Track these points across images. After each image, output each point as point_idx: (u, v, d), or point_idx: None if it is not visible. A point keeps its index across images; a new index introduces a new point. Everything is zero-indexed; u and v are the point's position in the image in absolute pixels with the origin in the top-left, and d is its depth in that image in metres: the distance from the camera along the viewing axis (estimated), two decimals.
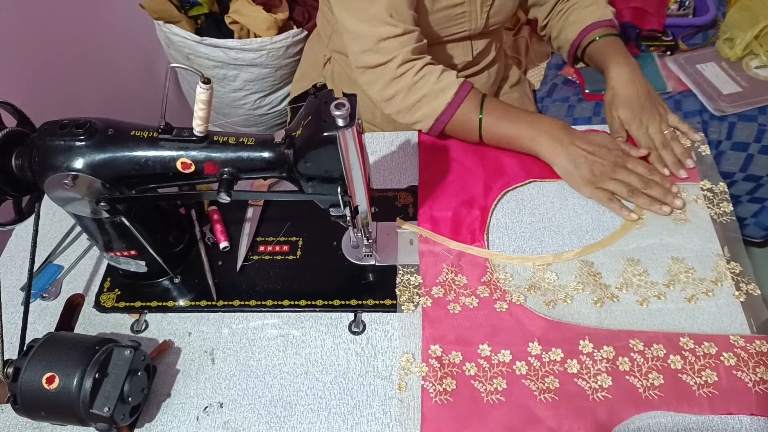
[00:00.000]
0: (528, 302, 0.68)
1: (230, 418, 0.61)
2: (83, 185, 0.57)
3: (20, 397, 0.55)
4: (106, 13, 1.35)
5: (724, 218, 0.74)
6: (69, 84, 1.26)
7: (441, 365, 0.63)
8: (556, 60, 1.32)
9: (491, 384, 0.61)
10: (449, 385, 0.61)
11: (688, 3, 1.31)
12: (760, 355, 0.61)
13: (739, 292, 0.67)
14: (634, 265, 0.70)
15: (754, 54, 1.19)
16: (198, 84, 0.53)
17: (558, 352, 0.63)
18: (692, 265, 0.70)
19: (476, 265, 0.71)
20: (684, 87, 1.19)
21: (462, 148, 0.84)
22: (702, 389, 0.59)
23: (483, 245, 0.73)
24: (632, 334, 0.64)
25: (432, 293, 0.69)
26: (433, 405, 0.60)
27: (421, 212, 0.77)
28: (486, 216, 0.76)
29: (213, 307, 0.70)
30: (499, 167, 0.82)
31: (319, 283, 0.71)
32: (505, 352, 0.63)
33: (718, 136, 1.13)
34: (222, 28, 1.40)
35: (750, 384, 0.59)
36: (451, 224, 0.75)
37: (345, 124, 0.50)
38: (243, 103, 1.50)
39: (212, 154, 0.57)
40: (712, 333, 0.64)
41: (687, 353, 0.62)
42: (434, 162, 0.83)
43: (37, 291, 0.73)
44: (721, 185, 0.77)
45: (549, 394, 0.60)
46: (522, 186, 0.80)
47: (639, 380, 0.60)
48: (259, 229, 0.78)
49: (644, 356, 0.62)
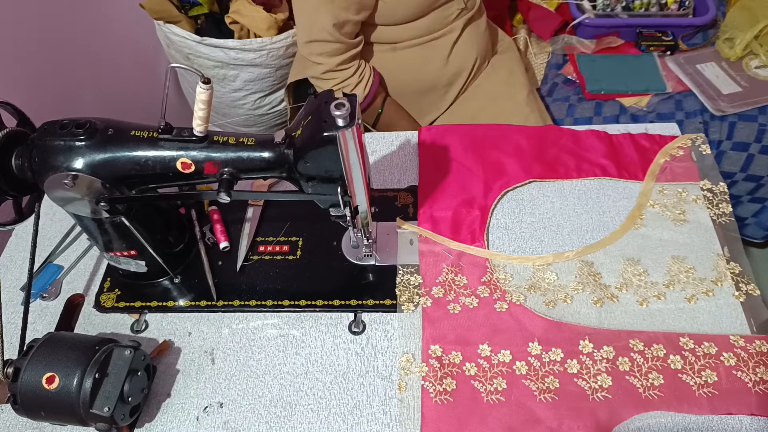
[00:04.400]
0: (528, 302, 0.68)
1: (230, 418, 0.61)
2: (83, 185, 0.57)
3: (20, 397, 0.55)
4: (106, 13, 1.35)
5: (724, 219, 0.74)
6: (69, 84, 1.26)
7: (441, 365, 0.63)
8: (556, 60, 1.32)
9: (491, 384, 0.61)
10: (449, 385, 0.61)
11: (688, 3, 1.31)
12: (760, 355, 0.61)
13: (739, 293, 0.67)
14: (634, 265, 0.70)
15: (754, 54, 1.19)
16: (198, 84, 0.53)
17: (558, 352, 0.63)
18: (692, 265, 0.70)
19: (476, 265, 0.71)
20: (684, 87, 1.19)
21: (462, 148, 0.84)
22: (702, 389, 0.59)
23: (483, 245, 0.73)
24: (632, 334, 0.64)
25: (432, 293, 0.69)
26: (433, 405, 0.60)
27: (421, 212, 0.77)
28: (486, 216, 0.76)
29: (213, 307, 0.70)
30: (499, 167, 0.82)
31: (319, 283, 0.71)
32: (505, 352, 0.63)
33: (719, 136, 1.14)
34: (222, 28, 1.40)
35: (750, 384, 0.59)
36: (451, 224, 0.75)
37: (345, 124, 0.50)
38: (243, 103, 1.50)
39: (212, 154, 0.57)
40: (712, 333, 0.64)
41: (687, 353, 0.62)
42: (434, 162, 0.83)
43: (37, 291, 0.73)
44: (721, 185, 0.77)
45: (549, 394, 0.60)
46: (522, 186, 0.80)
47: (639, 380, 0.60)
48: (259, 229, 0.78)
49: (644, 356, 0.62)
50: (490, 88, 1.14)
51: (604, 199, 0.78)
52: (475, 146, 0.84)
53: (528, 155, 0.82)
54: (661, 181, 0.79)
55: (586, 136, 0.84)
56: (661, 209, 0.76)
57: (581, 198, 0.78)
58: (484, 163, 0.82)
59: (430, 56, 1.07)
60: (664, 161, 0.81)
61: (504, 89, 1.14)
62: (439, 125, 0.91)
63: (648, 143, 0.83)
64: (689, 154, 0.81)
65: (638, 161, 0.81)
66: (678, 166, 0.80)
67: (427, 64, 1.08)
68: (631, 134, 0.85)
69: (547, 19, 1.32)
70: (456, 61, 1.08)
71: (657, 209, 0.76)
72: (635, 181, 0.79)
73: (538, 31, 1.33)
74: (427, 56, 1.07)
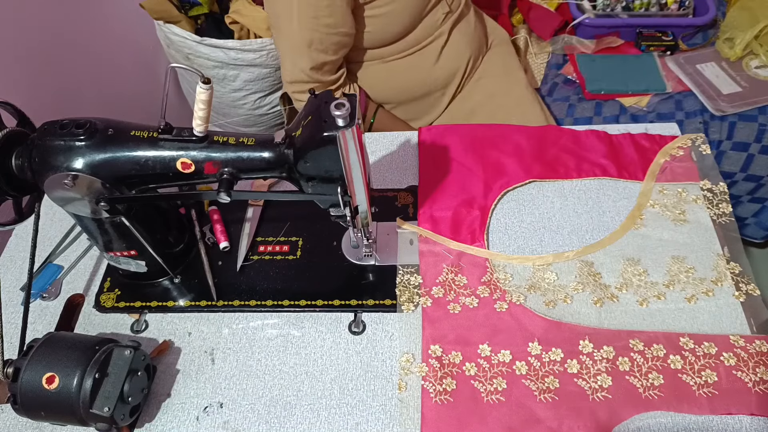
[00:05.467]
0: (528, 302, 0.68)
1: (230, 418, 0.61)
2: (83, 185, 0.57)
3: (20, 397, 0.55)
4: (106, 13, 1.35)
5: (724, 219, 0.74)
6: (69, 84, 1.26)
7: (441, 365, 0.63)
8: (556, 60, 1.32)
9: (491, 384, 0.61)
10: (449, 385, 0.61)
11: (688, 3, 1.31)
12: (760, 355, 0.61)
13: (739, 293, 0.67)
14: (634, 265, 0.70)
15: (754, 54, 1.19)
16: (198, 84, 0.53)
17: (558, 352, 0.63)
18: (692, 265, 0.70)
19: (476, 265, 0.71)
20: (684, 87, 1.19)
21: (462, 147, 0.84)
22: (702, 389, 0.59)
23: (483, 245, 0.73)
24: (632, 334, 0.64)
25: (432, 293, 0.69)
26: (433, 405, 0.60)
27: (421, 212, 0.77)
28: (486, 216, 0.76)
29: (213, 307, 0.70)
30: (499, 167, 0.82)
31: (319, 283, 0.71)
32: (505, 352, 0.63)
33: (719, 136, 1.13)
34: (222, 28, 1.40)
35: (750, 384, 0.59)
36: (451, 224, 0.75)
37: (345, 124, 0.50)
38: (243, 103, 1.50)
39: (212, 154, 0.57)
40: (712, 333, 0.64)
41: (687, 353, 0.62)
42: (434, 162, 0.83)
43: (37, 291, 0.73)
44: (721, 185, 0.77)
45: (549, 394, 0.60)
46: (522, 186, 0.80)
47: (639, 380, 0.60)
48: (259, 229, 0.78)
49: (644, 356, 0.62)
50: (488, 84, 1.14)
51: (604, 199, 0.78)
52: (474, 146, 0.84)
53: (528, 155, 0.82)
54: (661, 181, 0.79)
55: (586, 136, 0.84)
56: (661, 209, 0.76)
57: (581, 198, 0.78)
58: (484, 163, 0.82)
59: (421, 63, 1.06)
60: (664, 161, 0.81)
61: (502, 85, 1.14)
62: (439, 125, 0.91)
63: (648, 143, 0.83)
64: (689, 154, 0.81)
65: (638, 161, 0.81)
66: (678, 166, 0.80)
67: (419, 71, 1.07)
68: (631, 134, 0.85)
69: (547, 19, 1.32)
70: (448, 63, 1.08)
71: (657, 209, 0.76)
72: (635, 181, 0.79)
73: (538, 31, 1.33)
74: (418, 64, 1.06)
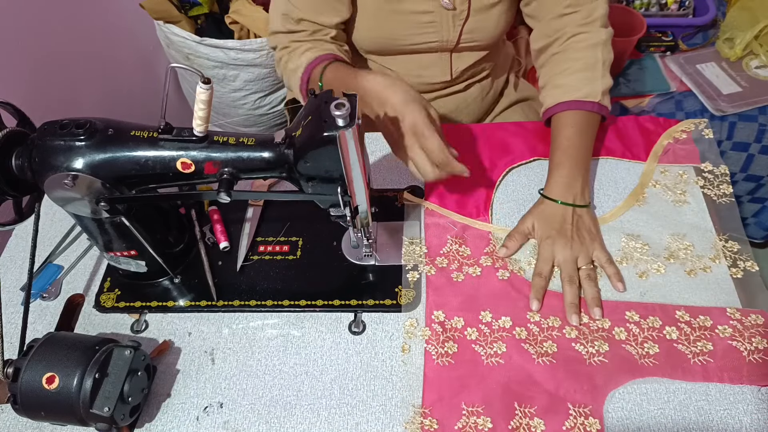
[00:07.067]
0: (528, 275, 0.70)
1: (230, 418, 0.61)
2: (83, 185, 0.57)
3: (20, 397, 0.55)
4: (106, 13, 1.35)
5: (724, 199, 0.75)
6: (69, 84, 1.26)
7: (443, 330, 0.65)
8: None
9: (491, 348, 0.63)
10: (451, 348, 0.63)
11: (688, 3, 1.31)
12: (755, 327, 0.62)
13: (737, 269, 0.68)
14: (634, 240, 0.72)
15: (754, 54, 1.19)
16: (198, 84, 0.53)
17: (556, 319, 0.65)
18: (691, 243, 0.71)
19: (480, 237, 0.74)
20: (684, 87, 1.19)
21: (467, 140, 0.85)
22: (697, 357, 0.61)
23: (487, 219, 0.75)
24: (629, 306, 0.65)
25: (436, 263, 0.71)
26: (435, 366, 0.62)
27: (428, 186, 0.79)
28: (491, 191, 0.78)
29: (213, 307, 0.70)
30: (504, 146, 0.84)
31: (319, 283, 0.71)
32: (506, 318, 0.65)
33: (719, 136, 1.14)
34: (222, 28, 1.40)
35: (745, 353, 0.60)
36: (457, 199, 0.78)
37: (345, 124, 0.50)
38: (243, 103, 1.50)
39: (212, 154, 0.57)
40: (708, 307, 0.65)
41: (683, 325, 0.63)
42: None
43: (37, 291, 0.73)
44: (722, 167, 0.78)
45: (547, 358, 0.62)
46: (526, 163, 0.82)
47: (635, 348, 0.62)
48: (259, 229, 0.78)
49: (640, 327, 0.63)
50: None
51: (607, 177, 0.80)
52: (480, 130, 0.86)
53: (533, 136, 0.84)
54: (663, 162, 0.80)
55: None
56: (662, 189, 0.77)
57: None
58: (490, 143, 0.84)
59: None
60: (667, 143, 0.82)
61: None
62: (443, 124, 0.90)
63: (652, 126, 0.85)
64: (692, 138, 0.82)
65: (642, 143, 0.83)
66: (680, 148, 0.82)
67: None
68: (636, 117, 0.86)
69: None
70: None
71: (659, 189, 0.77)
72: (638, 161, 0.81)
73: None
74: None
